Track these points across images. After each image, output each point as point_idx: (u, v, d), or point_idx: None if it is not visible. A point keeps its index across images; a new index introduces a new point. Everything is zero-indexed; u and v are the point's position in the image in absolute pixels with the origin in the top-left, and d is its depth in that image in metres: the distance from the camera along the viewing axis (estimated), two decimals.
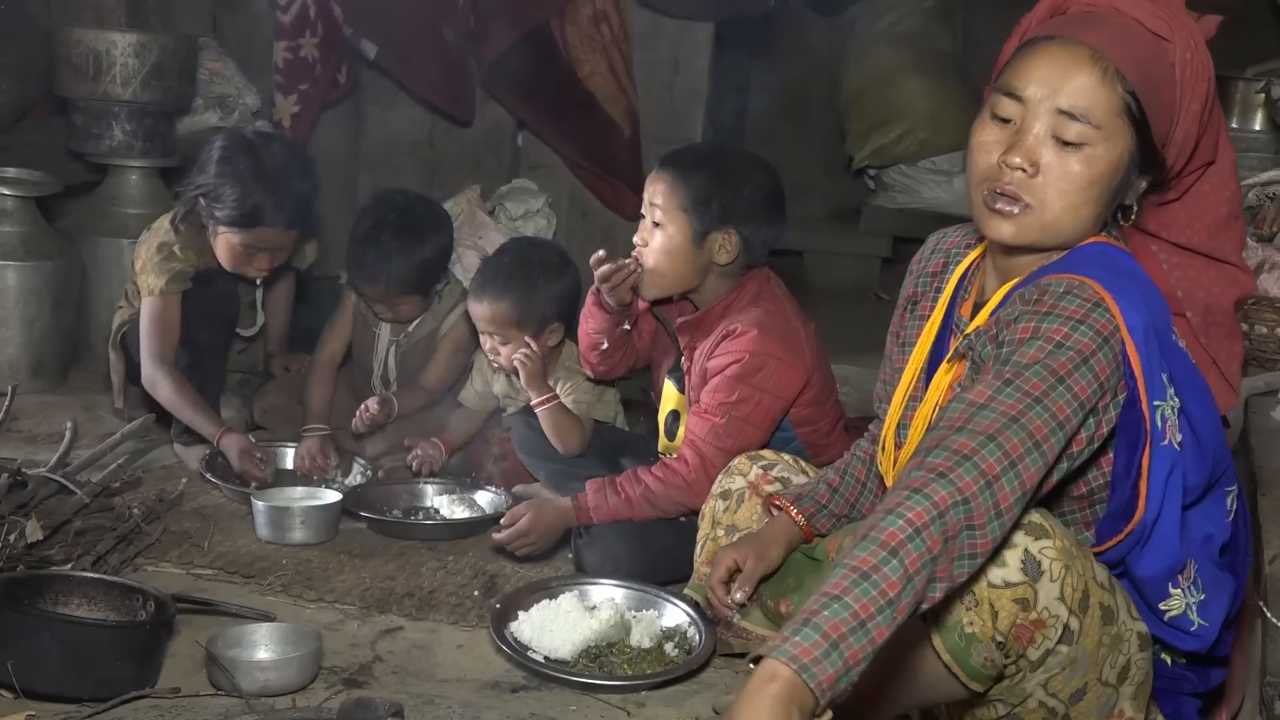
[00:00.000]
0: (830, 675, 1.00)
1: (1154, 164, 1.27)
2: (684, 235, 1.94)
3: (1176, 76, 1.25)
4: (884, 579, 1.04)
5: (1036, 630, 1.21)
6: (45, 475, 1.98)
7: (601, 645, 1.72)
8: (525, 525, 1.95)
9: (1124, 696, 1.30)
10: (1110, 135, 1.23)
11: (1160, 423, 1.22)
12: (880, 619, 1.03)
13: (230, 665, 1.55)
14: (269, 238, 2.36)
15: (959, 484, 1.09)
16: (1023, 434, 1.13)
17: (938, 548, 1.06)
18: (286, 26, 3.20)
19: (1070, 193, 1.24)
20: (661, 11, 3.47)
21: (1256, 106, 3.39)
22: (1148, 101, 1.22)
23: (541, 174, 3.54)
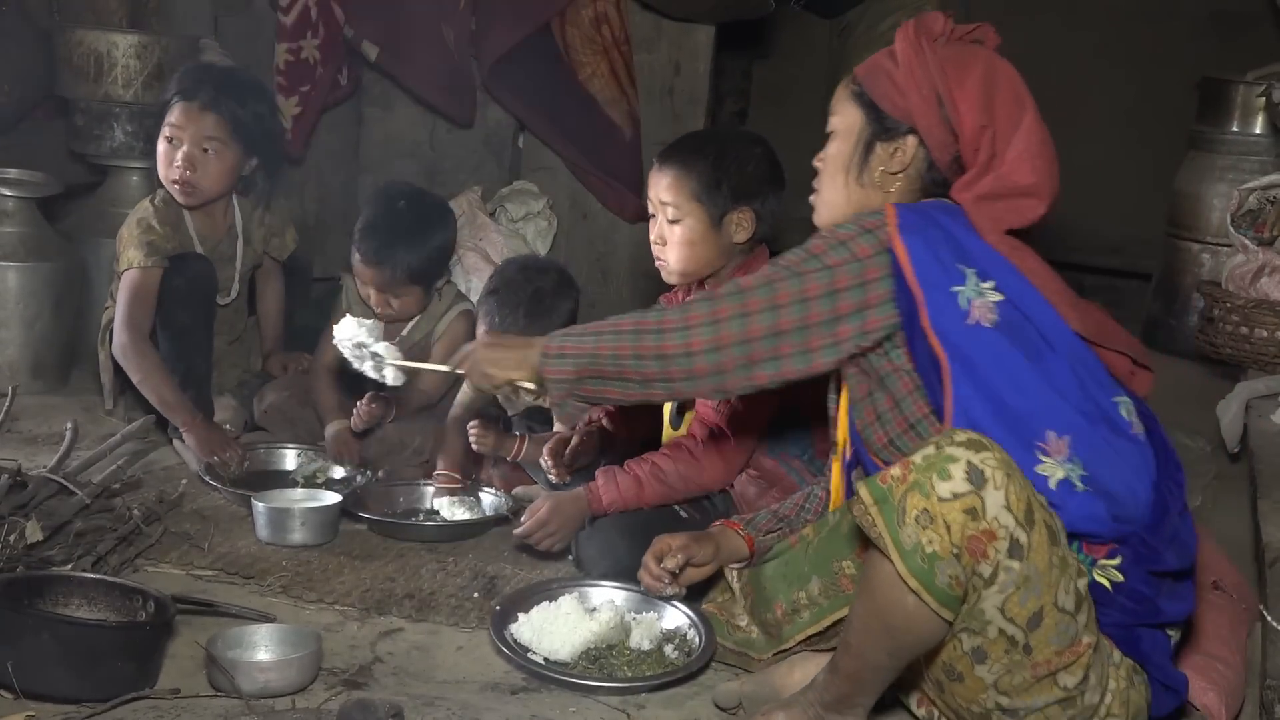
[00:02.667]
0: (550, 370, 1.51)
1: (897, 131, 1.54)
2: (703, 223, 1.96)
3: (897, 61, 1.55)
4: (610, 336, 1.49)
5: (988, 542, 1.27)
6: (45, 476, 1.98)
7: (601, 647, 1.72)
8: (545, 515, 1.95)
9: (1081, 625, 1.34)
10: (844, 118, 1.59)
11: (965, 304, 1.40)
12: (593, 360, 1.49)
13: (230, 666, 1.55)
14: (184, 118, 2.40)
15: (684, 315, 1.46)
16: (739, 299, 1.45)
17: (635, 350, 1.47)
18: (288, 28, 3.21)
19: (829, 167, 1.60)
20: (662, 14, 3.47)
21: (1257, 110, 3.39)
22: (869, 84, 1.57)
23: (542, 176, 3.54)
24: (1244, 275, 2.79)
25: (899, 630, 1.34)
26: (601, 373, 1.48)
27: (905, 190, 1.54)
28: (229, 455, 2.32)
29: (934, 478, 1.28)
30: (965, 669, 1.36)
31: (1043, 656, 1.33)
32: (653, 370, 1.46)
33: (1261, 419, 2.51)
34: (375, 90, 3.55)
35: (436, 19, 3.28)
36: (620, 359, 1.47)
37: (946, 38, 1.54)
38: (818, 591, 1.64)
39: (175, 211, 2.47)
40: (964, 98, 1.49)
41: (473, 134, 3.58)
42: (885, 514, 1.29)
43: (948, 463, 1.28)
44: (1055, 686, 1.34)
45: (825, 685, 1.45)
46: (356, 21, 3.22)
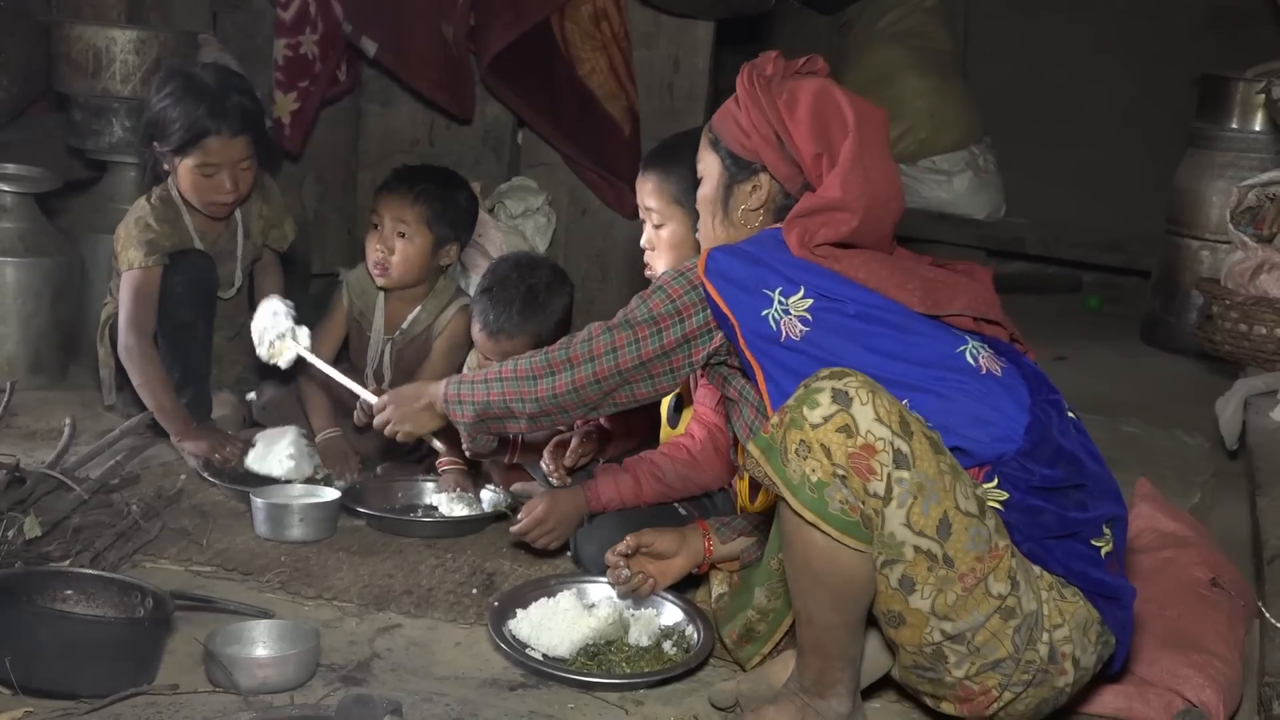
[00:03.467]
0: (454, 413, 1.73)
1: (748, 169, 1.65)
2: (686, 226, 1.96)
3: (739, 105, 1.67)
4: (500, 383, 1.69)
5: (870, 456, 1.34)
6: (44, 472, 1.98)
7: (600, 643, 1.72)
8: (542, 513, 1.95)
9: (993, 530, 1.39)
10: (705, 161, 1.71)
11: (774, 325, 1.52)
12: (485, 400, 1.70)
13: (228, 662, 1.55)
14: (220, 150, 2.39)
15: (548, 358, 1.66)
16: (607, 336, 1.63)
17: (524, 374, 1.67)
18: (286, 24, 3.20)
19: (702, 211, 1.72)
20: (662, 9, 3.47)
21: (1256, 107, 3.39)
22: (719, 130, 1.69)
23: (541, 172, 3.54)
24: (1243, 272, 2.79)
25: (824, 574, 1.38)
26: (493, 414, 1.70)
27: (769, 223, 1.65)
28: (229, 452, 2.32)
29: (804, 409, 1.36)
30: (901, 606, 1.39)
31: (965, 566, 1.36)
32: (532, 410, 1.67)
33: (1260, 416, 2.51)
34: (374, 86, 3.55)
35: (435, 14, 3.27)
36: (507, 402, 1.68)
37: (780, 75, 1.64)
38: (765, 600, 1.66)
39: (173, 209, 2.47)
40: (797, 130, 1.60)
41: (471, 130, 3.57)
42: (771, 460, 1.38)
43: (815, 394, 1.37)
44: (989, 596, 1.37)
45: (800, 669, 1.48)
46: (355, 17, 3.22)
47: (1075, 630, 1.42)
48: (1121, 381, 3.39)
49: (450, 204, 2.44)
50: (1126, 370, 3.52)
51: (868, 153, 1.58)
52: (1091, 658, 1.45)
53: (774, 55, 1.66)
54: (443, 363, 2.49)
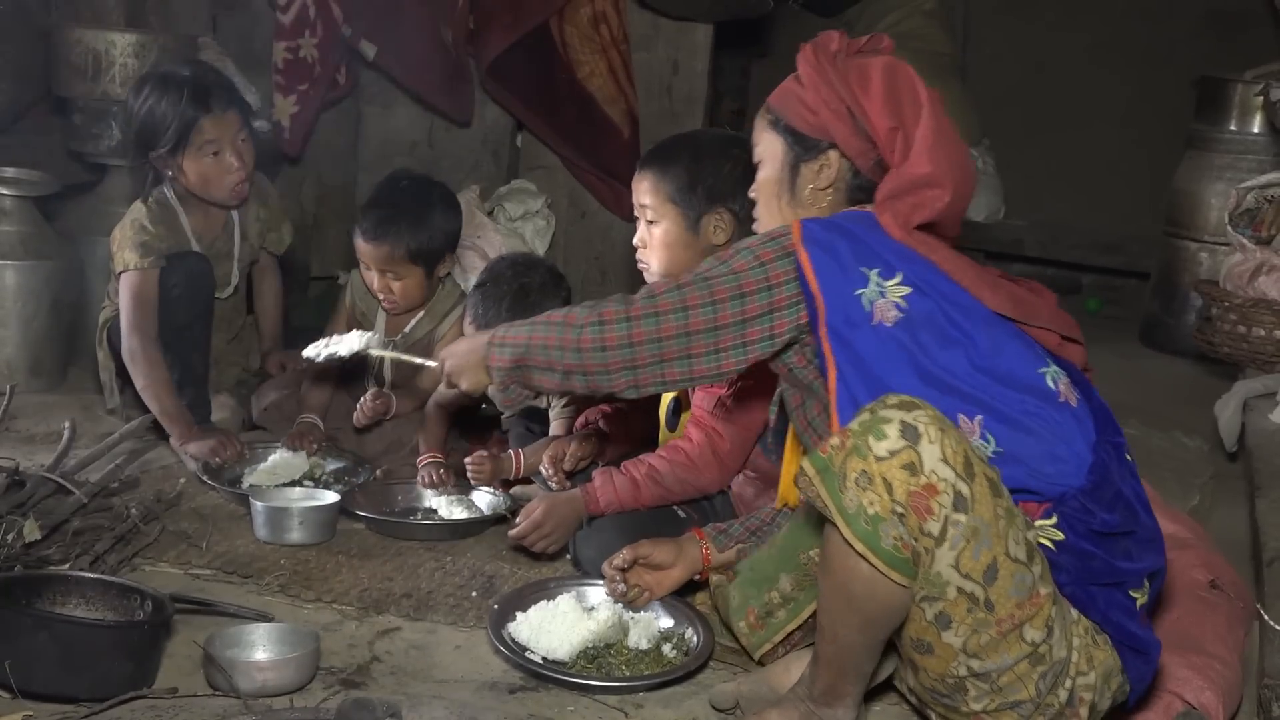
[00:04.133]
0: (493, 358, 1.59)
1: (818, 148, 1.60)
2: (679, 226, 1.97)
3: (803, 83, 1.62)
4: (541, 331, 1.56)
5: (930, 497, 1.30)
6: (43, 475, 1.97)
7: (599, 646, 1.72)
8: (540, 517, 1.95)
9: (1037, 576, 1.35)
10: (766, 144, 1.65)
11: (868, 306, 1.46)
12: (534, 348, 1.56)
13: (228, 665, 1.54)
14: (216, 127, 2.40)
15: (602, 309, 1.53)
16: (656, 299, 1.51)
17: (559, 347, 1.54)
18: (286, 27, 3.20)
19: (759, 193, 1.67)
20: (661, 13, 3.47)
21: (1255, 109, 3.39)
22: (781, 110, 1.63)
23: (540, 175, 3.54)
24: (1242, 274, 2.79)
25: (860, 600, 1.36)
26: (533, 361, 1.56)
27: (836, 203, 1.60)
28: (229, 454, 2.32)
29: (870, 439, 1.31)
30: (933, 638, 1.37)
31: (1005, 611, 1.34)
32: (571, 362, 1.52)
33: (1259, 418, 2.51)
34: (373, 89, 3.55)
35: (434, 18, 3.28)
36: (548, 349, 1.54)
37: (845, 53, 1.59)
38: (790, 587, 1.66)
39: (169, 211, 2.47)
40: (871, 104, 1.55)
41: (471, 133, 3.58)
42: (828, 482, 1.33)
43: (882, 423, 1.31)
44: (1022, 641, 1.35)
45: (811, 678, 1.47)
46: (355, 20, 3.22)
47: (1099, 679, 1.40)
48: (1120, 383, 3.38)
49: (426, 230, 2.40)
50: (1125, 372, 3.52)
51: (944, 127, 1.54)
52: (1107, 703, 1.43)
53: (838, 33, 1.61)
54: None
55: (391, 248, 2.38)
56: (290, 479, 2.27)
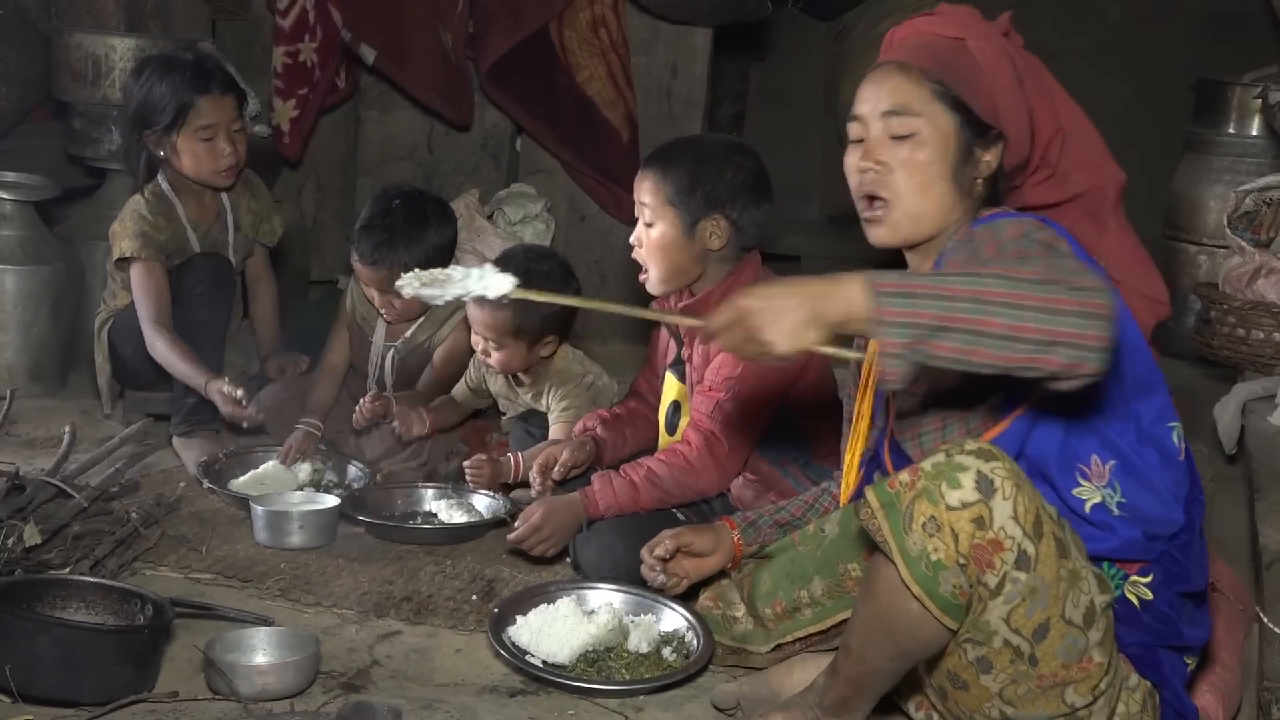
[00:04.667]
0: (890, 310, 1.18)
1: (988, 136, 1.46)
2: (675, 229, 1.97)
3: (979, 60, 1.46)
4: (983, 283, 1.19)
5: (994, 552, 1.26)
6: (43, 479, 1.98)
7: (599, 650, 1.72)
8: (538, 521, 1.95)
9: (1092, 642, 1.33)
10: (931, 119, 1.44)
11: None
12: (962, 305, 1.18)
13: (228, 669, 1.55)
14: (213, 109, 2.43)
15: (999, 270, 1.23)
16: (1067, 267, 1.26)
17: (1045, 301, 1.18)
18: (285, 32, 3.21)
19: (914, 175, 1.45)
20: (660, 17, 3.47)
21: (1253, 112, 3.39)
22: (955, 84, 1.44)
23: (540, 179, 3.54)
24: (1241, 277, 2.79)
25: (901, 636, 1.33)
26: (954, 319, 1.18)
27: (979, 199, 1.48)
28: (248, 413, 2.31)
29: (943, 485, 1.26)
30: (970, 678, 1.35)
31: (1049, 669, 1.31)
32: (1008, 322, 1.18)
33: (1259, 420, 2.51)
34: (373, 93, 3.55)
35: (434, 22, 3.28)
36: (984, 304, 1.17)
37: (1009, 37, 1.49)
38: (821, 591, 1.65)
39: (166, 202, 2.50)
40: (1044, 104, 1.46)
41: (470, 137, 3.58)
42: (891, 519, 1.29)
43: (957, 471, 1.27)
44: (1061, 701, 1.33)
45: (825, 688, 1.45)
46: (354, 24, 3.22)
47: None
48: None
49: (422, 248, 2.38)
50: None
51: (1093, 132, 1.47)
52: None
53: (1009, 15, 1.49)
54: (443, 370, 2.51)
55: (391, 271, 2.37)
56: (277, 490, 2.25)
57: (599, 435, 2.13)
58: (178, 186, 2.51)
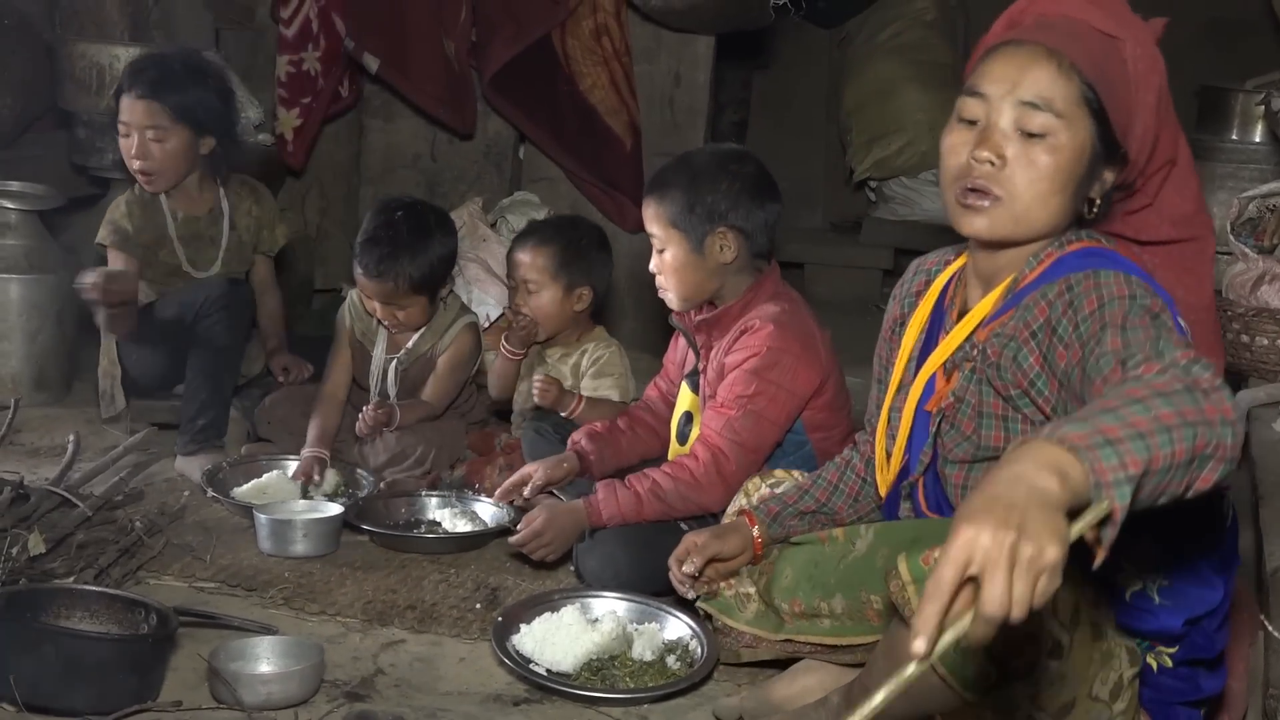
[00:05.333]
0: (1104, 468, 0.92)
1: (1115, 158, 1.33)
2: (684, 249, 1.98)
3: (1129, 71, 1.31)
4: (1155, 408, 0.98)
5: (1026, 643, 1.22)
6: (48, 489, 1.98)
7: (604, 658, 1.72)
8: (540, 526, 1.95)
9: (1116, 712, 1.30)
10: (1072, 124, 1.28)
11: None
12: (1158, 440, 0.96)
13: (232, 678, 1.55)
14: (128, 109, 2.47)
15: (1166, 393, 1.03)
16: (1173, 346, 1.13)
17: (1202, 415, 1.01)
18: (289, 41, 3.22)
19: (1038, 182, 1.29)
20: (662, 25, 3.48)
21: (1256, 119, 3.39)
22: (1104, 92, 1.28)
23: (543, 187, 3.55)
24: (1244, 283, 2.79)
25: (919, 698, 1.26)
26: (1156, 458, 0.96)
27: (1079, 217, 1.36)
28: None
29: None
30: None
31: None
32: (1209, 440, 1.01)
33: (1263, 428, 2.50)
34: (376, 102, 3.56)
35: (437, 31, 3.29)
36: (1170, 430, 0.98)
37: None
38: (841, 610, 1.57)
39: (149, 196, 2.54)
40: (1169, 130, 1.33)
41: (474, 145, 3.59)
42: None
43: None
44: None
45: (838, 709, 1.42)
46: (358, 33, 3.23)
47: None
48: None
49: (425, 260, 2.39)
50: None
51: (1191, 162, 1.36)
52: None
53: (1165, 21, 1.33)
54: (446, 379, 2.50)
55: (395, 284, 2.38)
56: (280, 498, 2.25)
57: (584, 449, 2.13)
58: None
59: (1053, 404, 1.29)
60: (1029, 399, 1.33)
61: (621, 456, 2.17)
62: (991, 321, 1.38)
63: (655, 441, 2.21)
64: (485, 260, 2.97)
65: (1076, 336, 1.25)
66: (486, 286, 2.94)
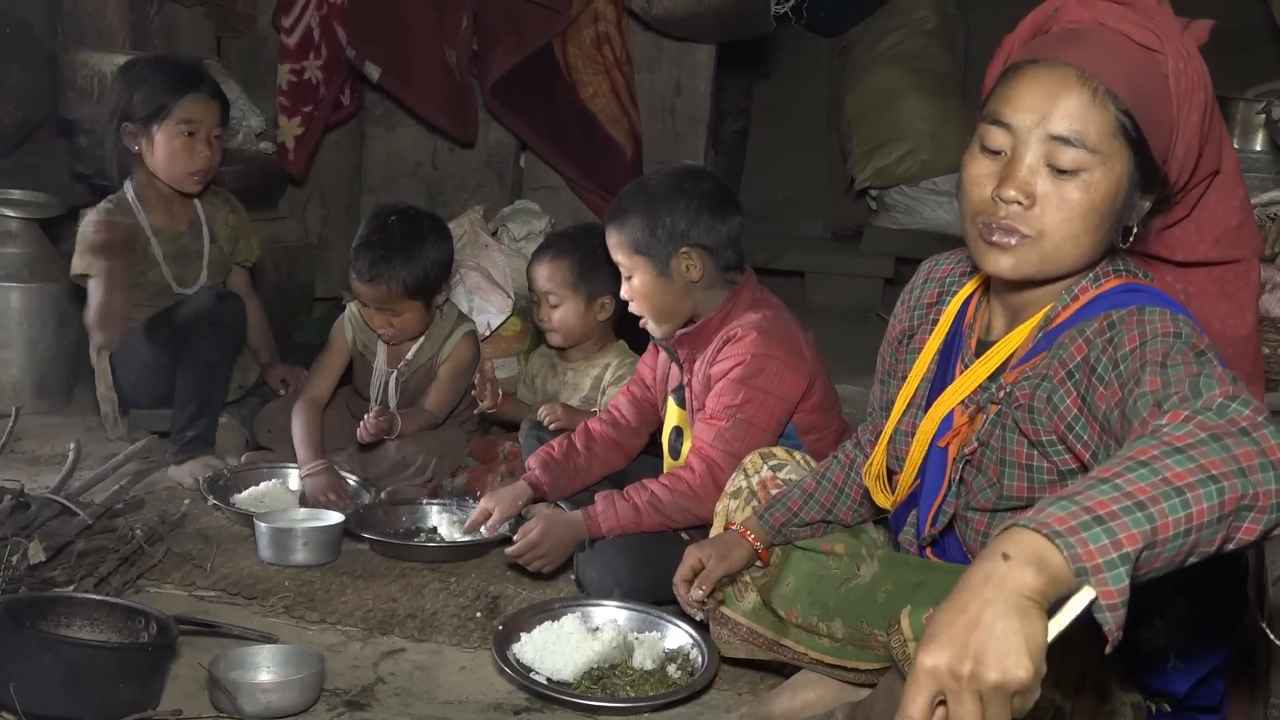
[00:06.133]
0: (1092, 550, 0.84)
1: (1155, 182, 1.22)
2: (650, 274, 2.00)
3: (1171, 89, 1.20)
4: (1166, 468, 0.89)
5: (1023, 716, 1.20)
6: (48, 497, 1.98)
7: (604, 667, 1.71)
8: (536, 537, 1.95)
9: None
10: (1107, 158, 1.17)
11: None
12: (1165, 506, 0.87)
13: (232, 687, 1.55)
14: (200, 108, 2.46)
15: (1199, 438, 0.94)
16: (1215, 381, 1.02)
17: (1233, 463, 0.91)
18: (290, 49, 3.23)
19: (1070, 221, 1.19)
20: (663, 34, 3.50)
21: (1257, 127, 3.40)
22: (1143, 119, 1.17)
23: (544, 195, 3.55)
24: None
25: None
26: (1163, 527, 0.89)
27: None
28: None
29: None
30: None
31: None
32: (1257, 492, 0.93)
33: None
34: (378, 110, 3.58)
35: (438, 39, 3.30)
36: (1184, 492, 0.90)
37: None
38: (841, 635, 1.53)
39: (125, 208, 2.52)
40: (1213, 144, 1.23)
41: (475, 153, 3.60)
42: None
43: None
44: None
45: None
46: (359, 42, 3.25)
47: None
48: None
49: (420, 265, 2.38)
50: None
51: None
52: None
53: (1212, 24, 1.22)
54: (447, 388, 2.50)
55: (389, 288, 2.38)
56: (277, 508, 2.24)
57: (537, 480, 2.12)
58: (143, 194, 2.52)
59: (1092, 449, 1.18)
60: (1064, 445, 1.22)
61: (577, 480, 2.16)
62: (1022, 364, 1.27)
63: (617, 456, 2.20)
64: (486, 269, 2.98)
65: (1116, 376, 1.14)
66: (487, 295, 2.94)
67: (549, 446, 2.18)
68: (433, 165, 3.62)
